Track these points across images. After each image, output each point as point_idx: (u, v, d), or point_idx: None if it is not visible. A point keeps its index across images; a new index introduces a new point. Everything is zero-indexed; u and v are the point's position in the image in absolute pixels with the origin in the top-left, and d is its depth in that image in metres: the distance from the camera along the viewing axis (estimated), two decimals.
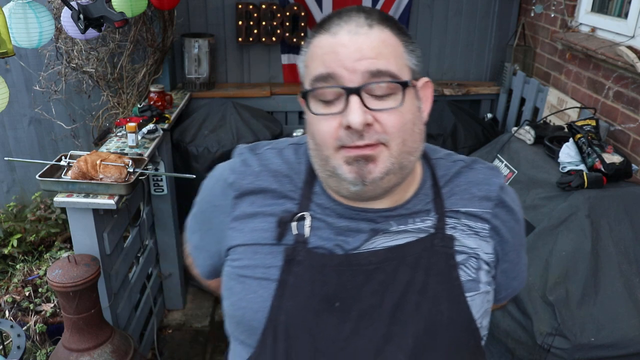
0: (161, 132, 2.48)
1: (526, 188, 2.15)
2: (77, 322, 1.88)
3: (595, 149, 2.04)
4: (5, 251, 2.96)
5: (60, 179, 1.96)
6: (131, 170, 1.99)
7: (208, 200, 0.96)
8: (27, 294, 2.54)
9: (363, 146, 0.77)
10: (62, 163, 2.03)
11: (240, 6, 3.16)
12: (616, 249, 1.82)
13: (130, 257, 2.39)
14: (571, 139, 2.17)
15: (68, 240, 3.03)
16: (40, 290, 2.57)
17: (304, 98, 0.81)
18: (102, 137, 2.57)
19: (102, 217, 2.00)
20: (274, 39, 3.23)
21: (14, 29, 1.73)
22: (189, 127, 2.89)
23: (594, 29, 2.64)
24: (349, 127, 0.76)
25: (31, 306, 2.48)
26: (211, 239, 0.95)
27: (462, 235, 0.88)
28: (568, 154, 2.13)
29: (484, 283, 0.88)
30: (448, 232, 0.87)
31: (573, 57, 2.73)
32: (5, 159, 2.92)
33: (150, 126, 2.44)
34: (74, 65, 2.78)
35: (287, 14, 3.18)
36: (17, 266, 2.73)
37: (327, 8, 3.26)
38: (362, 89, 0.76)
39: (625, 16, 2.39)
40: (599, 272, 1.77)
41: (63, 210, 3.03)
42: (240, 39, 3.23)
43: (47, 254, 2.82)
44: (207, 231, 0.96)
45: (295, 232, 0.86)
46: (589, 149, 2.06)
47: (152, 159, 2.37)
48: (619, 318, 1.70)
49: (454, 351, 0.86)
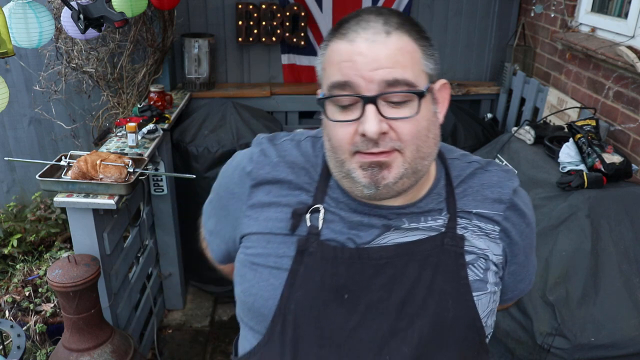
0: (161, 132, 2.48)
1: (526, 188, 2.11)
2: (77, 322, 1.88)
3: (595, 149, 2.04)
4: (5, 251, 2.96)
5: (60, 179, 1.96)
6: (131, 170, 1.99)
7: (225, 187, 0.98)
8: (27, 294, 2.54)
9: (378, 153, 0.78)
10: (62, 163, 2.03)
11: (240, 6, 3.16)
12: (616, 249, 1.82)
13: (130, 257, 2.39)
14: (571, 139, 2.17)
15: (68, 240, 3.03)
16: (40, 290, 2.57)
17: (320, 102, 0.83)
18: (102, 137, 2.57)
19: (102, 217, 2.00)
20: (274, 39, 3.23)
21: (14, 29, 1.73)
22: (189, 127, 2.89)
23: (594, 29, 2.64)
24: (364, 134, 0.77)
25: (31, 306, 2.48)
26: (226, 225, 0.97)
27: (473, 236, 0.89)
28: (568, 154, 2.13)
29: (492, 283, 0.90)
30: (459, 232, 0.88)
31: (573, 57, 2.73)
32: (5, 159, 2.91)
33: (150, 126, 2.44)
34: (74, 65, 2.78)
35: (287, 14, 3.18)
36: (17, 266, 2.73)
37: (327, 8, 3.26)
38: (379, 97, 0.77)
39: (625, 16, 2.39)
40: (599, 272, 1.77)
41: (63, 210, 3.03)
42: (240, 39, 3.23)
43: (47, 254, 2.82)
44: (223, 217, 0.99)
45: (309, 224, 0.87)
46: (589, 149, 2.06)
47: (152, 159, 2.37)
48: (619, 318, 1.70)
49: (458, 347, 0.87)
